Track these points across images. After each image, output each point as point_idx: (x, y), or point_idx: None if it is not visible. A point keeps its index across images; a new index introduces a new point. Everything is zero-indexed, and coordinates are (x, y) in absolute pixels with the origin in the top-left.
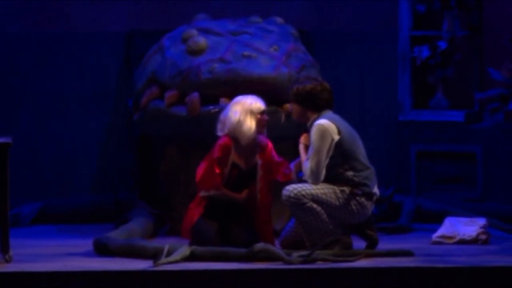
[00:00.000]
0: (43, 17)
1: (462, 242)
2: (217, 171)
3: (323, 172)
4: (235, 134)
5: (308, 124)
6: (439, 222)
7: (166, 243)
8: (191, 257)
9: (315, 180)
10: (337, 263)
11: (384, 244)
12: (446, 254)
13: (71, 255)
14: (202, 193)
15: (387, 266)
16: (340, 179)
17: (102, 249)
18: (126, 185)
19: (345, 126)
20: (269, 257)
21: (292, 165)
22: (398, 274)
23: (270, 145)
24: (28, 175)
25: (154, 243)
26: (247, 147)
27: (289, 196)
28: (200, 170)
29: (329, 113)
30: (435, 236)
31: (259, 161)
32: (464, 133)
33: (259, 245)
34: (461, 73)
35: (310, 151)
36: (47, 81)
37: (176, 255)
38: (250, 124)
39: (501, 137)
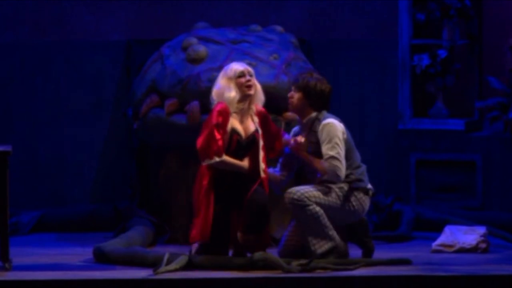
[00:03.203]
0: (40, 26)
1: (462, 250)
2: (218, 136)
3: (345, 167)
4: (224, 102)
5: (304, 120)
6: (439, 230)
7: (165, 252)
8: (190, 266)
9: (339, 177)
10: (336, 272)
11: (384, 253)
12: (446, 262)
13: (71, 263)
14: (204, 162)
15: (387, 275)
16: None
17: (102, 258)
18: (125, 194)
19: (344, 125)
20: (268, 265)
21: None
22: (397, 282)
23: (266, 113)
24: (27, 184)
25: (153, 252)
26: (242, 114)
27: (292, 198)
28: (201, 138)
29: (326, 113)
30: (435, 244)
31: (259, 130)
32: (463, 142)
33: (258, 254)
34: (461, 82)
35: (326, 150)
36: (44, 90)
37: (176, 263)
38: (229, 91)
39: (501, 146)
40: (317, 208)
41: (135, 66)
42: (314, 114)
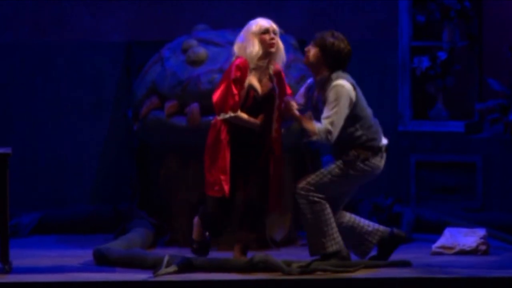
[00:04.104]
0: (40, 26)
1: (462, 252)
2: (235, 91)
3: (337, 132)
4: (244, 57)
5: (318, 78)
6: (439, 232)
7: (165, 254)
8: (190, 268)
9: (329, 140)
10: (336, 274)
11: None
12: (445, 264)
13: (71, 265)
14: (220, 116)
15: (387, 277)
16: (348, 139)
17: (102, 260)
18: (125, 195)
19: (356, 85)
20: (268, 267)
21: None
22: (398, 284)
23: (282, 73)
24: (27, 185)
25: (153, 254)
26: (261, 71)
27: (300, 194)
28: (217, 92)
29: (341, 72)
30: (435, 246)
31: (276, 89)
32: (464, 143)
33: (259, 256)
34: (461, 84)
35: (328, 110)
36: (44, 90)
37: (175, 265)
38: (252, 46)
39: (501, 147)
40: (324, 206)
41: (135, 67)
42: (328, 72)
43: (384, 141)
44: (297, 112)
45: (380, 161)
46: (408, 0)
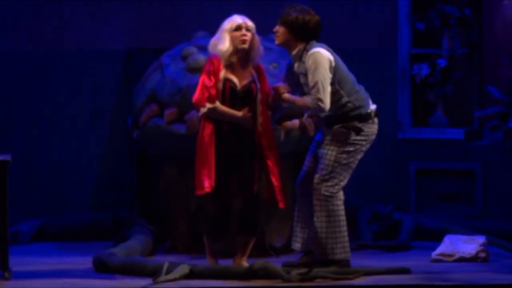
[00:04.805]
0: (40, 34)
1: (461, 260)
2: (210, 83)
3: (328, 97)
4: (217, 54)
5: (294, 52)
6: (438, 239)
7: (165, 261)
8: (190, 275)
9: (323, 107)
10: (336, 281)
11: (383, 262)
12: (445, 272)
13: (71, 272)
14: (200, 112)
15: (386, 284)
16: (335, 107)
17: (102, 267)
18: (125, 201)
19: (333, 52)
20: (268, 274)
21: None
22: None
23: (262, 69)
24: (27, 193)
25: (153, 261)
26: (239, 66)
27: (322, 194)
28: (196, 91)
29: (315, 42)
30: (435, 253)
31: (258, 85)
32: (463, 151)
33: (259, 263)
34: (461, 91)
35: (311, 79)
36: (44, 98)
37: (175, 272)
38: (223, 43)
39: (501, 154)
40: (341, 212)
41: (135, 74)
42: (302, 45)
43: (372, 106)
44: (287, 95)
45: (371, 127)
46: (408, 8)
